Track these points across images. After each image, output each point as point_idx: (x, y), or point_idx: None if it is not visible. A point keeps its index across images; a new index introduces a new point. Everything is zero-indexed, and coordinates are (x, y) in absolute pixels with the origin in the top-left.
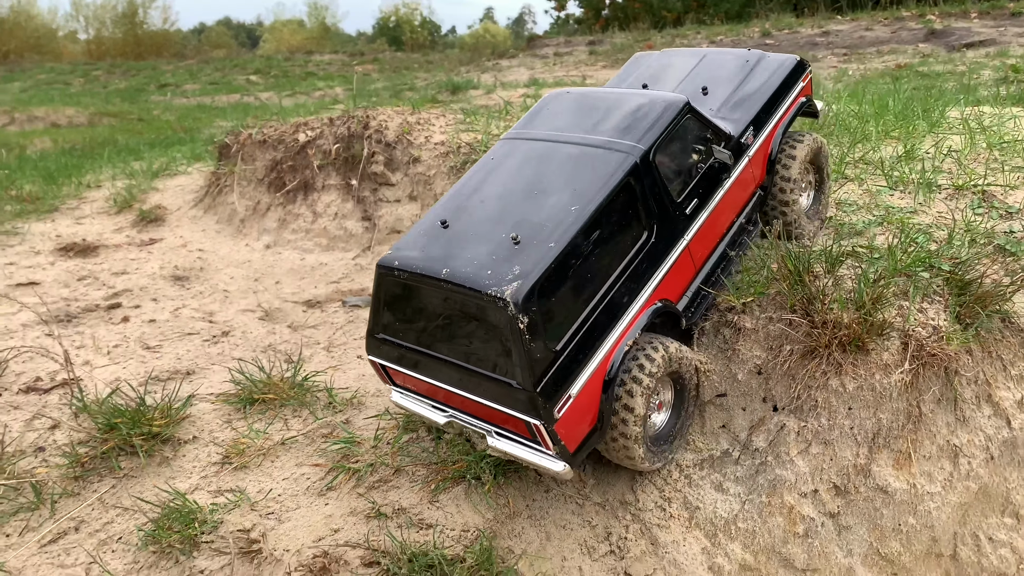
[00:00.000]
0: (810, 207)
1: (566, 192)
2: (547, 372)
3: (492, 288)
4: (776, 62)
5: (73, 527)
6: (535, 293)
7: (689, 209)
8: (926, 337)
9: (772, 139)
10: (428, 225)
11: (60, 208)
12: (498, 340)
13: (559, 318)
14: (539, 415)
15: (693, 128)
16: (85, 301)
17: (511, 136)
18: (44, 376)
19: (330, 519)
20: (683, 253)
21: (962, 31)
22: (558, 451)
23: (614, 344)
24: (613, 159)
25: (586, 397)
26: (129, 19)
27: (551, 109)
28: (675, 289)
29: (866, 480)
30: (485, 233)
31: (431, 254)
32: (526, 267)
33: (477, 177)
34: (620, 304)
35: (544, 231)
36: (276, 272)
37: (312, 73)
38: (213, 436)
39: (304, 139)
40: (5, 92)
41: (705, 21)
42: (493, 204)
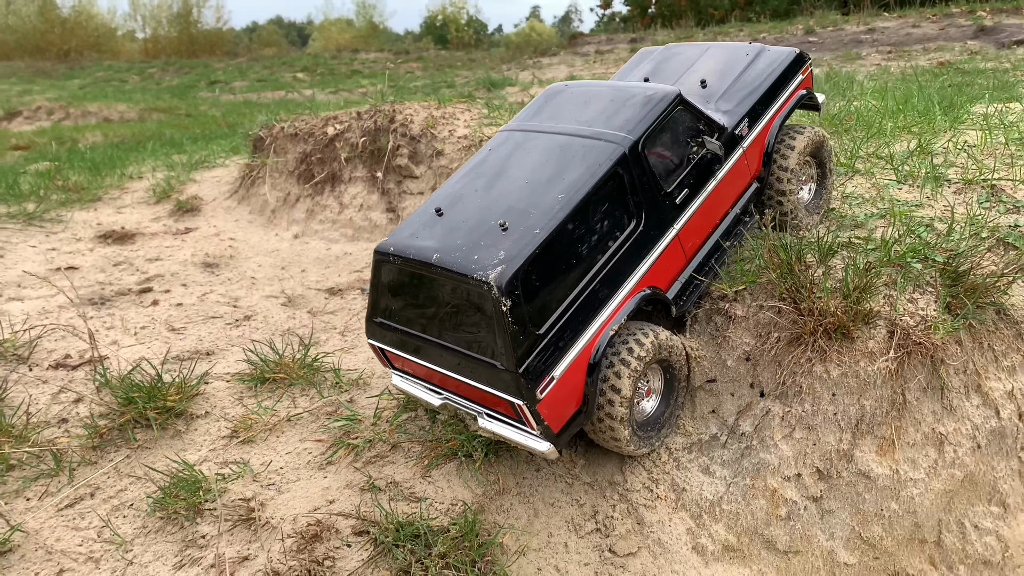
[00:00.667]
0: (811, 200)
1: (555, 181)
2: (530, 354)
3: (477, 272)
4: (775, 55)
5: (89, 493)
6: (519, 277)
7: (679, 199)
8: (913, 326)
9: (769, 131)
10: (424, 213)
11: (103, 198)
12: (483, 323)
13: (543, 302)
14: (522, 395)
15: (684, 119)
16: (119, 285)
17: (509, 128)
18: (74, 354)
19: (327, 491)
20: (673, 242)
21: (1013, 27)
22: (542, 431)
23: (599, 328)
24: (602, 149)
25: (570, 379)
26: (184, 18)
27: (550, 102)
28: (665, 277)
29: (849, 465)
30: (476, 220)
31: (424, 240)
32: (511, 252)
33: (474, 167)
34: (606, 290)
35: (531, 218)
36: (302, 261)
37: (357, 71)
38: (224, 412)
39: (333, 132)
40: (64, 88)
41: (751, 19)
42: (486, 193)
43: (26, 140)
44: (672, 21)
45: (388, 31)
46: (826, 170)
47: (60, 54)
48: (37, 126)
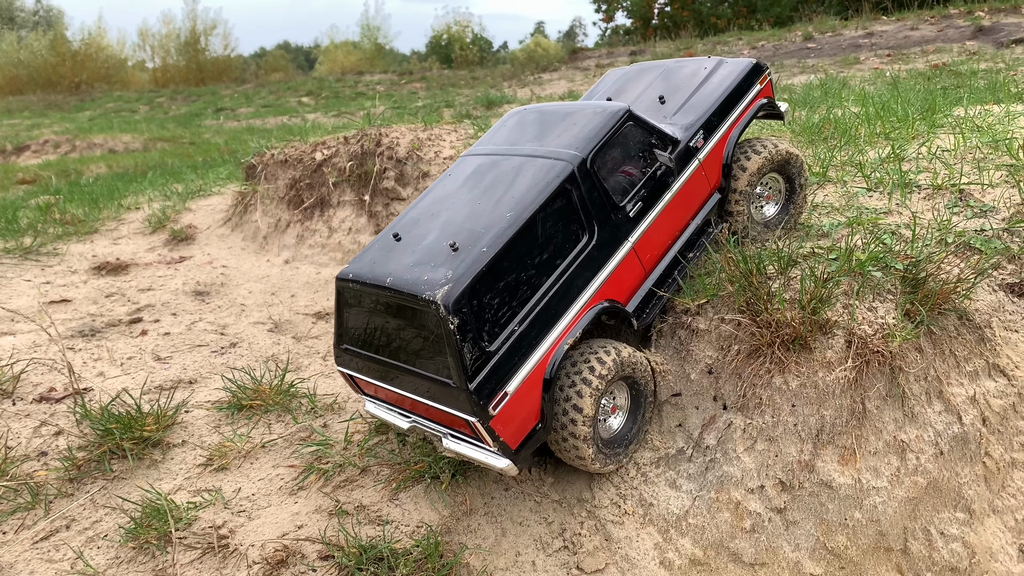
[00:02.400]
0: (776, 215)
1: (505, 200)
2: (481, 371)
3: (426, 292)
4: (732, 67)
5: (64, 525)
6: (466, 295)
7: (633, 212)
8: (870, 335)
9: (726, 142)
10: (383, 239)
11: (100, 230)
12: (435, 342)
13: (493, 319)
14: (474, 412)
15: (635, 134)
16: (109, 316)
17: (469, 153)
18: (59, 387)
19: (296, 516)
20: (629, 255)
21: (1011, 26)
22: (498, 448)
23: (554, 343)
24: (551, 167)
25: (525, 395)
26: (192, 46)
27: (509, 125)
28: (623, 290)
29: (811, 475)
30: (430, 243)
31: (380, 265)
32: (458, 271)
33: (433, 193)
34: (559, 304)
35: (481, 238)
36: (292, 286)
37: (362, 93)
38: (201, 440)
39: (321, 157)
40: (74, 121)
41: (752, 27)
42: (442, 216)
43: (32, 174)
44: (674, 32)
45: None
46: (795, 185)
47: (71, 86)
48: (44, 159)
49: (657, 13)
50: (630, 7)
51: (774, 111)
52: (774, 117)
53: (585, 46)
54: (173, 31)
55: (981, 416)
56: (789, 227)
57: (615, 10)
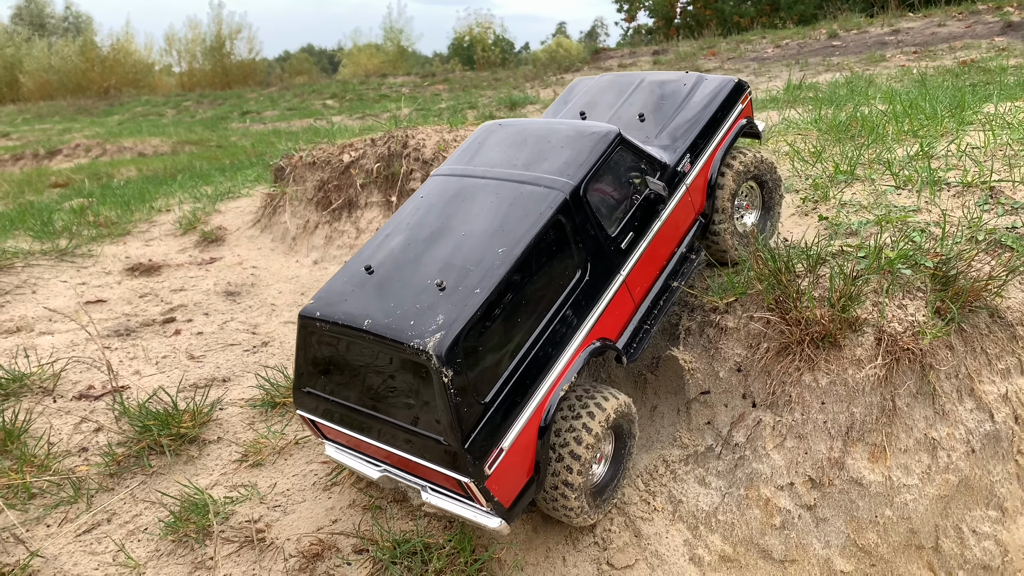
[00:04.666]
0: (752, 224)
1: (494, 233)
2: (476, 427)
3: (415, 340)
4: (714, 85)
5: (106, 519)
6: (460, 344)
7: (625, 243)
8: (900, 332)
9: (711, 165)
10: (351, 271)
11: (132, 232)
12: (423, 395)
13: (487, 368)
14: (468, 473)
15: (626, 159)
16: (143, 316)
17: (442, 172)
18: (97, 385)
19: (330, 511)
20: (621, 289)
21: None
22: (491, 507)
23: (550, 389)
24: (541, 196)
25: (520, 448)
26: (217, 50)
27: (484, 142)
28: (614, 326)
29: (841, 473)
30: (409, 279)
31: (353, 303)
32: (450, 316)
33: (405, 218)
34: (554, 347)
35: (470, 276)
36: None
37: (385, 95)
38: (236, 437)
39: (348, 159)
40: (103, 125)
41: (776, 25)
42: (419, 247)
43: (64, 177)
44: (696, 31)
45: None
46: (771, 192)
47: (100, 91)
48: (75, 163)
49: (679, 12)
50: (652, 6)
51: (753, 130)
52: (752, 135)
53: (607, 46)
54: (199, 35)
55: (1013, 414)
56: (772, 232)
57: (637, 10)
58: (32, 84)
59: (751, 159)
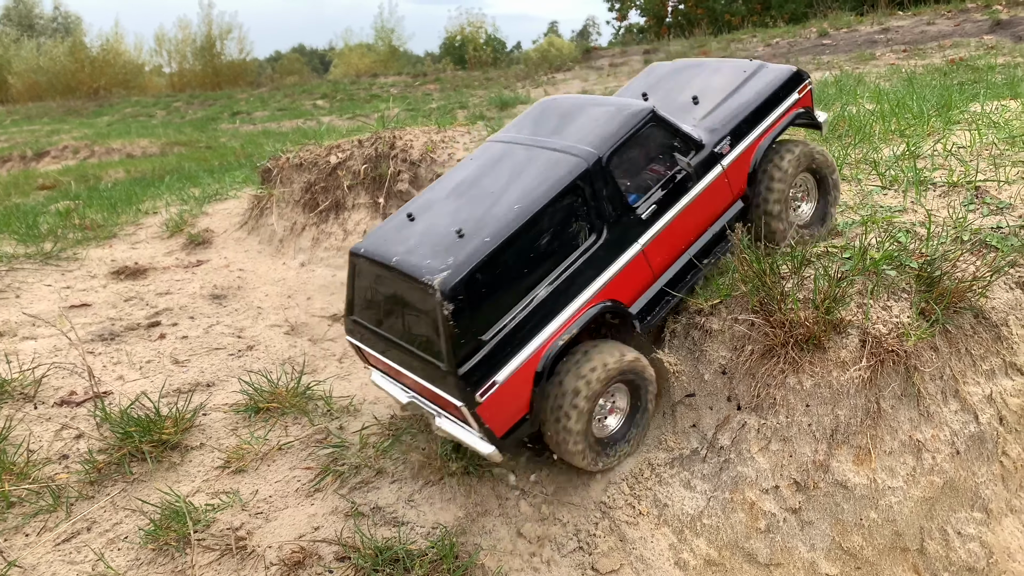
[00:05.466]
0: (809, 217)
1: (516, 192)
2: (471, 358)
3: (425, 276)
4: (773, 73)
5: (86, 527)
6: (463, 284)
7: (646, 214)
8: (885, 334)
9: (755, 150)
10: (398, 218)
11: (118, 234)
12: (429, 324)
13: (489, 309)
14: (461, 397)
15: (657, 136)
16: (128, 320)
17: (493, 139)
18: (79, 390)
19: (313, 517)
20: (637, 257)
21: None
22: (483, 434)
23: (549, 338)
24: (565, 162)
25: (514, 385)
26: (208, 51)
27: (537, 114)
28: (627, 292)
29: (826, 475)
30: (440, 227)
31: (390, 244)
32: (459, 259)
33: (452, 176)
34: (558, 300)
35: (485, 227)
36: (308, 289)
37: (376, 95)
38: (219, 443)
39: (335, 161)
40: (92, 126)
41: (767, 24)
42: (456, 201)
43: (51, 179)
44: (687, 30)
45: (408, 54)
46: (827, 186)
47: (90, 92)
48: (63, 165)
49: (671, 11)
50: (643, 5)
51: (812, 121)
52: (812, 126)
53: (599, 45)
54: (189, 36)
55: (998, 415)
56: (828, 224)
57: (628, 8)
58: (21, 85)
59: (805, 150)
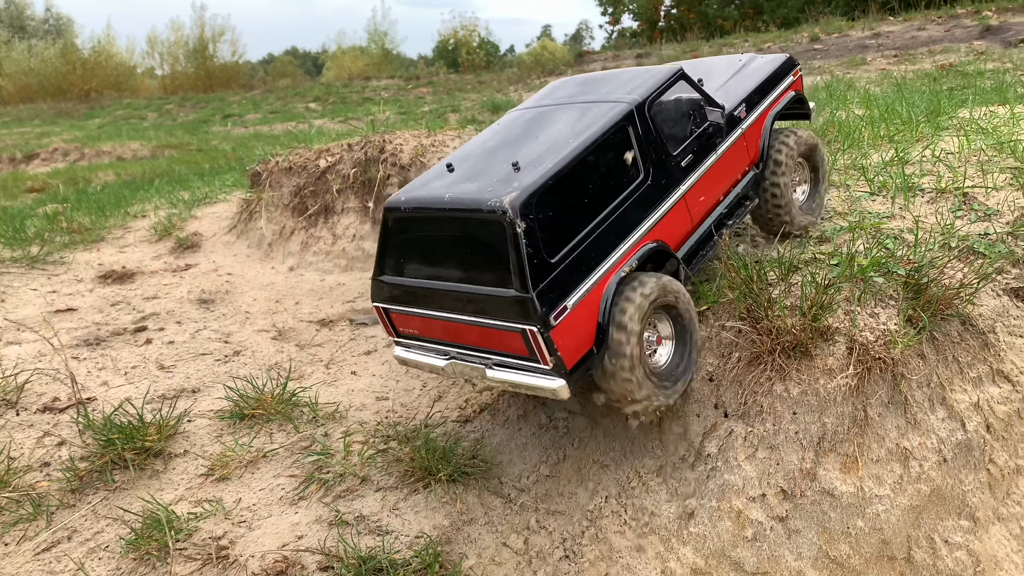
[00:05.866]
0: (804, 202)
1: (567, 133)
2: (543, 279)
3: (491, 200)
4: (767, 58)
5: (66, 536)
6: (532, 202)
7: (685, 163)
8: (872, 341)
9: (765, 119)
10: (435, 171)
11: (106, 238)
12: (496, 251)
13: (556, 231)
14: (537, 319)
15: (687, 93)
16: (114, 325)
17: (518, 108)
18: (63, 397)
19: (296, 526)
20: (679, 202)
21: (1019, 26)
22: (555, 362)
23: (610, 270)
24: (610, 107)
25: (583, 312)
26: (200, 53)
27: (557, 88)
28: (672, 235)
29: (812, 484)
30: (488, 168)
31: (434, 189)
32: (523, 182)
33: (484, 137)
34: (616, 232)
35: (544, 159)
36: (297, 293)
37: (369, 99)
38: (203, 450)
39: (325, 165)
40: (83, 128)
41: (759, 28)
42: (498, 150)
43: (40, 182)
44: (680, 34)
45: (401, 57)
46: (819, 175)
47: (81, 94)
48: (52, 167)
49: (663, 15)
50: (636, 10)
51: (803, 108)
52: (801, 116)
53: (591, 49)
54: (181, 38)
55: (985, 422)
56: (819, 213)
57: (621, 13)
58: (12, 87)
59: (806, 136)
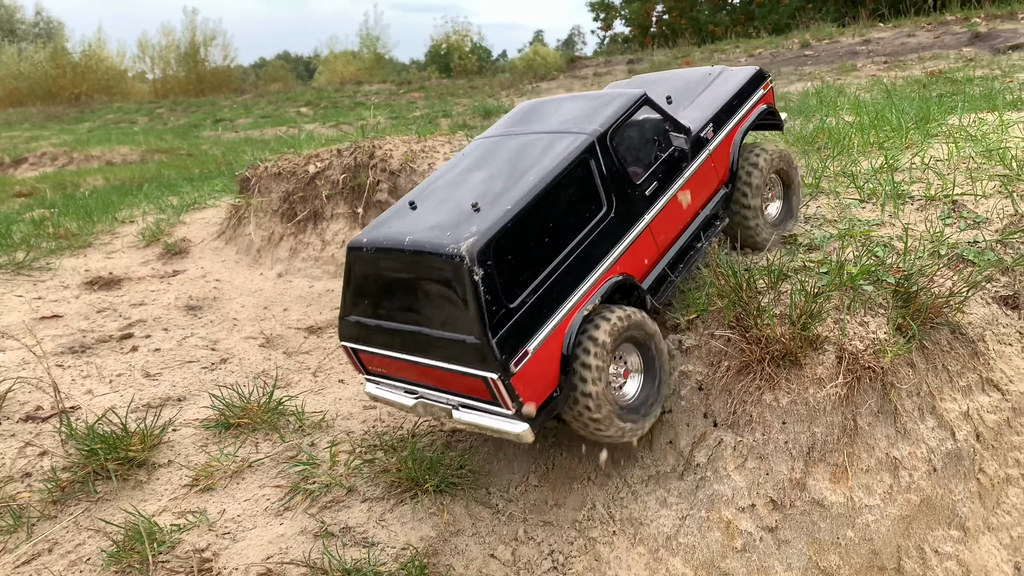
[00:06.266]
0: (777, 216)
1: (525, 168)
2: (503, 326)
3: (450, 246)
4: (736, 72)
5: (47, 549)
6: (491, 248)
7: (649, 191)
8: (861, 350)
9: (733, 138)
10: (397, 208)
11: (93, 244)
12: (456, 297)
13: (516, 275)
14: (496, 367)
15: (651, 118)
16: (100, 332)
17: (482, 136)
18: (46, 406)
19: (281, 538)
20: (644, 233)
21: (1008, 33)
22: (517, 408)
23: (574, 307)
24: (571, 139)
25: (544, 358)
26: (191, 57)
27: (522, 112)
28: (637, 266)
29: (802, 494)
30: (450, 207)
31: (396, 230)
32: (482, 226)
33: (448, 168)
34: (579, 270)
35: (503, 199)
36: (285, 300)
37: (360, 103)
38: (187, 460)
39: (314, 170)
40: (72, 133)
41: (751, 35)
42: (460, 186)
43: (28, 187)
44: (672, 40)
45: (393, 61)
46: (792, 188)
47: (71, 98)
48: (41, 172)
49: (655, 21)
50: (628, 16)
51: (774, 119)
52: (774, 127)
53: (584, 55)
54: (173, 42)
55: (975, 432)
56: (792, 226)
57: (613, 19)
58: (1, 91)
59: (777, 151)
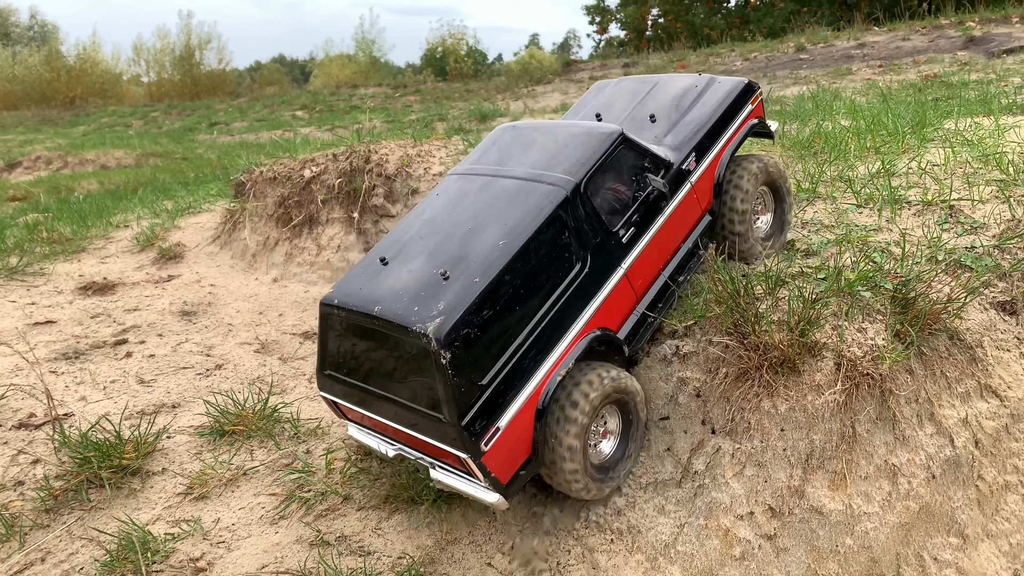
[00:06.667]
0: (767, 229)
1: (497, 226)
2: (472, 406)
3: (417, 324)
4: (724, 86)
5: (40, 558)
6: (458, 329)
7: (626, 238)
8: (860, 357)
9: (718, 163)
10: (370, 263)
11: (87, 248)
12: (424, 375)
13: (485, 352)
14: (465, 449)
15: (628, 158)
16: (94, 338)
17: (457, 172)
18: (39, 413)
19: (276, 547)
20: (621, 282)
21: (1002, 36)
22: (489, 483)
23: (547, 374)
24: (543, 192)
25: (517, 428)
26: (186, 61)
27: (497, 143)
28: (615, 318)
29: (801, 501)
30: (418, 269)
31: (367, 291)
32: (450, 303)
33: (421, 214)
34: (551, 335)
35: (472, 266)
36: (280, 305)
37: (356, 107)
38: (182, 467)
39: (309, 175)
40: (67, 136)
41: (746, 38)
42: (431, 240)
43: (23, 191)
44: (667, 44)
45: (389, 65)
46: (781, 196)
47: (66, 101)
48: (35, 176)
49: (651, 25)
50: (624, 19)
51: (765, 130)
52: (764, 135)
53: (579, 58)
54: (168, 45)
55: (974, 438)
56: (783, 238)
57: (609, 22)
58: None
59: (764, 163)
